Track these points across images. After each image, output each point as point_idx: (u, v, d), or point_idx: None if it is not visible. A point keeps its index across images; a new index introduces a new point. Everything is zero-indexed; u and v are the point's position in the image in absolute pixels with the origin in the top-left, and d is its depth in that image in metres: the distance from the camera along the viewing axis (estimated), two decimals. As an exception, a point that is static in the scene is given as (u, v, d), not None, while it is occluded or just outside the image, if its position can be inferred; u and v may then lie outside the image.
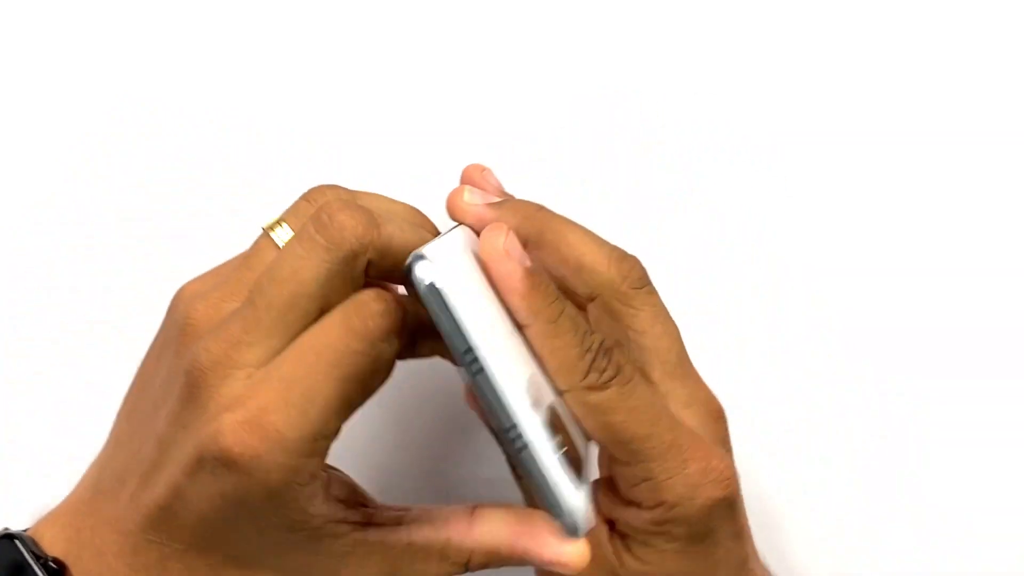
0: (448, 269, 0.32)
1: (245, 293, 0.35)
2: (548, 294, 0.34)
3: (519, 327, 0.34)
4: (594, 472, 0.36)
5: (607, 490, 0.37)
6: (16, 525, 0.37)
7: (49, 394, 0.47)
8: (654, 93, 0.49)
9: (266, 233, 0.37)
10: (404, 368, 0.36)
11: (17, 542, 0.36)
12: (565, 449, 0.33)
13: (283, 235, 0.36)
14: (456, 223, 0.38)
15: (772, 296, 0.48)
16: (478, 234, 0.36)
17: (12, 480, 0.46)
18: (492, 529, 0.35)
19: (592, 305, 0.38)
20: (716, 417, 0.38)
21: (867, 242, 0.48)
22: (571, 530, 0.33)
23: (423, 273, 0.32)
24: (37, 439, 0.47)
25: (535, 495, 0.33)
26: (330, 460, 0.34)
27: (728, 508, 0.36)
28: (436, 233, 0.38)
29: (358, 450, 0.41)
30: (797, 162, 0.49)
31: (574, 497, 0.33)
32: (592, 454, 0.36)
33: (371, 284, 0.35)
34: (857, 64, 0.49)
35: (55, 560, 0.35)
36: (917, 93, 0.49)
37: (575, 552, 0.34)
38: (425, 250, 0.33)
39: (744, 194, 0.49)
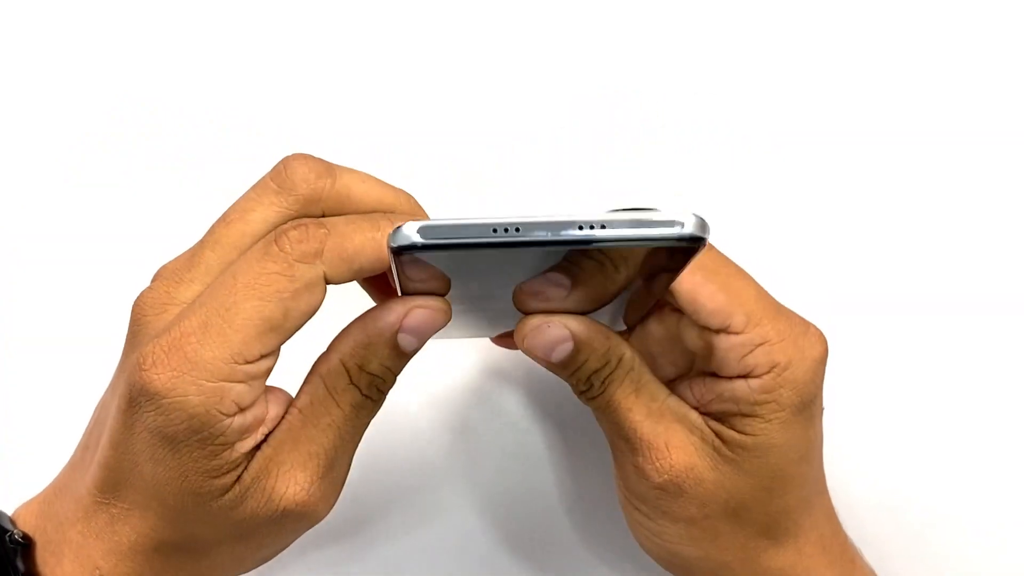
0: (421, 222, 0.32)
1: None
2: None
3: None
4: None
5: (703, 378, 0.37)
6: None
7: (46, 393, 0.47)
8: (654, 93, 0.49)
9: None
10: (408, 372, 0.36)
11: None
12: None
13: None
14: None
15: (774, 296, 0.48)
16: None
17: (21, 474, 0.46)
18: (342, 335, 0.36)
19: None
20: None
21: (868, 242, 0.49)
22: (697, 224, 0.31)
23: (409, 230, 0.31)
24: (39, 436, 0.47)
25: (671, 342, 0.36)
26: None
27: (823, 371, 0.37)
28: (414, 206, 0.38)
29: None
30: (797, 162, 0.49)
31: (669, 212, 0.31)
32: None
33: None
34: (857, 64, 0.49)
35: (24, 536, 0.36)
36: (917, 93, 0.49)
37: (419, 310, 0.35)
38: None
39: (744, 194, 0.49)
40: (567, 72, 0.49)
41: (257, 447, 0.35)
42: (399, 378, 0.36)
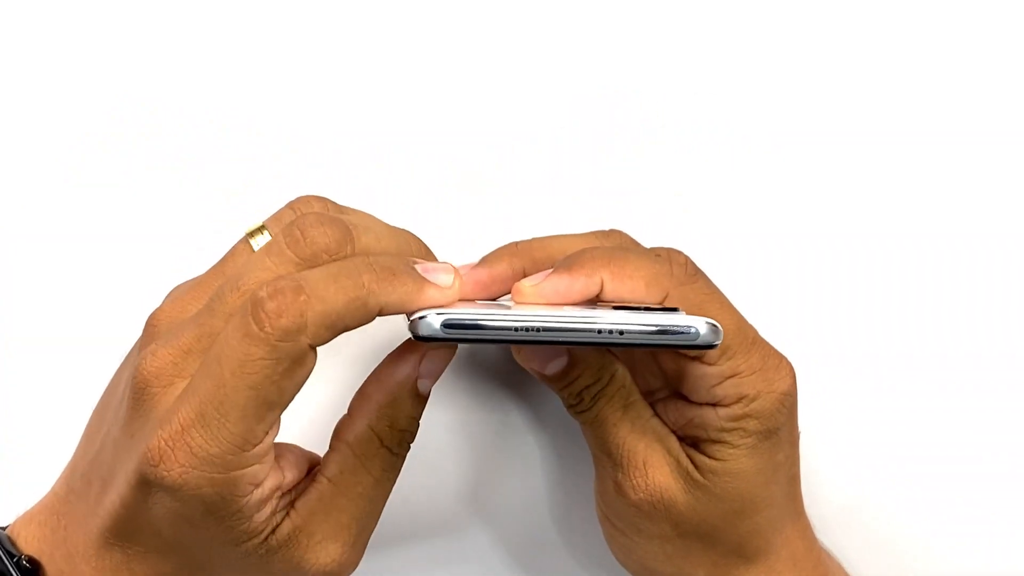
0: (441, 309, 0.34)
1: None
2: None
3: None
4: None
5: (676, 401, 0.38)
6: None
7: (46, 393, 0.47)
8: (654, 93, 0.49)
9: (246, 238, 0.37)
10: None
11: None
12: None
13: (262, 241, 0.36)
14: None
15: (773, 296, 0.48)
16: None
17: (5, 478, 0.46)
18: (362, 398, 0.36)
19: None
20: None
21: (868, 242, 0.48)
22: (712, 332, 0.34)
23: (434, 321, 0.33)
24: (39, 436, 0.47)
25: (646, 359, 0.38)
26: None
27: (792, 402, 0.38)
28: (423, 252, 0.39)
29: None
30: (797, 162, 0.49)
31: (684, 317, 0.34)
32: None
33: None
34: (857, 64, 0.49)
35: (29, 559, 0.35)
36: (917, 93, 0.49)
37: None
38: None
39: (744, 194, 0.49)
40: (567, 72, 0.49)
41: (279, 508, 0.34)
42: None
